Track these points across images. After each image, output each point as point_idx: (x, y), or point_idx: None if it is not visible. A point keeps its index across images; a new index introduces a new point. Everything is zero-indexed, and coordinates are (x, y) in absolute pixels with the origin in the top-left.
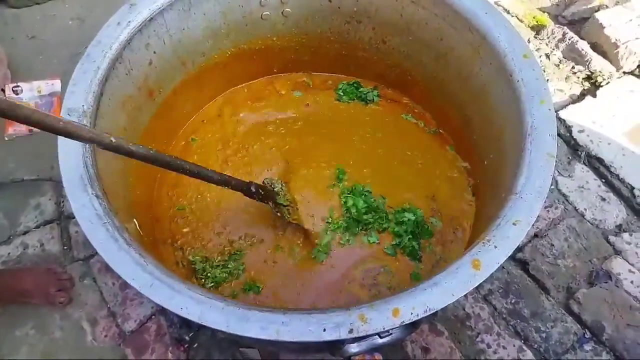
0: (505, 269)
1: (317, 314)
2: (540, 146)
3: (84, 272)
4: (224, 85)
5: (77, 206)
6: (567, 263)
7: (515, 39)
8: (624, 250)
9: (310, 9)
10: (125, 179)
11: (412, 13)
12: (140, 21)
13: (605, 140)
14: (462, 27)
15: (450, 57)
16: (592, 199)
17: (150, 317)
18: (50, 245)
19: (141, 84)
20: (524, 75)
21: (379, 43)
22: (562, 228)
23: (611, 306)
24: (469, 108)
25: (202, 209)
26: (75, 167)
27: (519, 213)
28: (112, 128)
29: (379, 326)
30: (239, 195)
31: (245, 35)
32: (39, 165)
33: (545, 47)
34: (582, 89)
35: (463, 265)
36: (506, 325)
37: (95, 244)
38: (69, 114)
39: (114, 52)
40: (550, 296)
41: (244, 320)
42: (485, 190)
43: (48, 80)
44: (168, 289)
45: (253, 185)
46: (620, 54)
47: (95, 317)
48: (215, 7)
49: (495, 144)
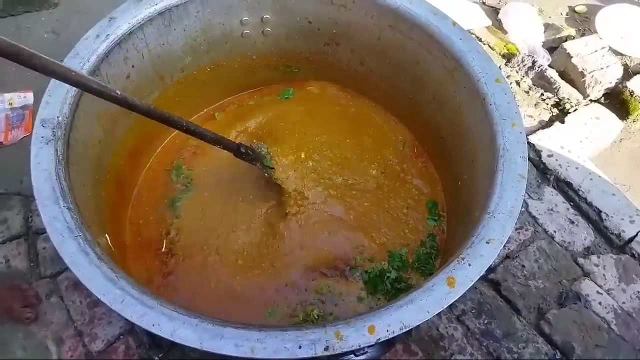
0: (478, 290)
1: (292, 331)
2: (512, 167)
3: (51, 290)
4: (203, 101)
5: (48, 218)
6: (537, 284)
7: (488, 64)
8: (592, 272)
9: (290, 29)
10: (98, 193)
11: (389, 37)
12: (120, 35)
13: (573, 165)
14: (437, 51)
15: (426, 80)
16: (561, 221)
17: (119, 337)
18: (16, 261)
19: None
20: (497, 99)
21: (357, 65)
22: (532, 250)
23: (580, 327)
24: (444, 130)
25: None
26: (47, 179)
27: (492, 232)
28: (87, 140)
29: (355, 343)
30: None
31: (225, 52)
32: (7, 179)
33: (516, 74)
34: (551, 115)
35: (438, 283)
36: (479, 345)
37: (65, 257)
38: (43, 125)
39: (91, 65)
40: (522, 317)
41: (218, 337)
42: (459, 210)
43: (20, 92)
44: (140, 305)
45: (242, 146)
46: (587, 83)
47: (61, 336)
48: (196, 23)
49: (469, 165)
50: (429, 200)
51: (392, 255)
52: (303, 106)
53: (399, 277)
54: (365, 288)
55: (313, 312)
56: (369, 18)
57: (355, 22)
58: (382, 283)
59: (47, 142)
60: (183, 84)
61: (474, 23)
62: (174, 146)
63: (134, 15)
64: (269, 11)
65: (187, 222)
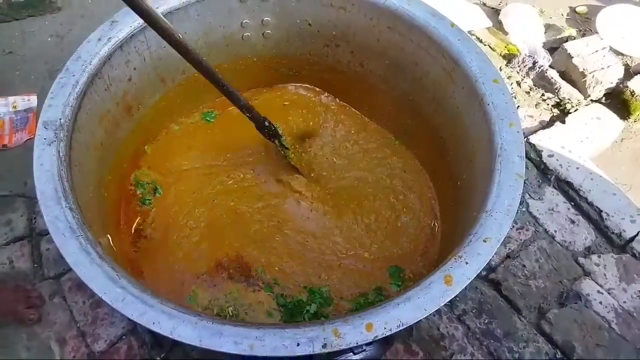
0: (479, 289)
1: (291, 329)
2: (510, 167)
3: (54, 291)
4: (204, 103)
5: (50, 219)
6: (538, 284)
7: (485, 64)
8: (592, 271)
9: (290, 32)
10: (100, 193)
11: (388, 38)
12: (121, 38)
13: (574, 165)
14: (436, 52)
15: (425, 81)
16: (561, 221)
17: (121, 338)
18: (20, 262)
19: (119, 100)
20: (494, 99)
21: (356, 66)
22: (533, 249)
23: (581, 326)
24: (444, 130)
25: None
26: (49, 180)
27: (489, 231)
28: (89, 142)
29: (352, 341)
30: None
31: (225, 55)
32: (11, 181)
33: (517, 75)
34: (552, 115)
35: (436, 281)
36: (480, 345)
37: (67, 256)
38: (45, 127)
39: (94, 67)
40: (522, 316)
41: (217, 335)
42: (457, 210)
43: (24, 95)
44: (140, 304)
45: (267, 120)
46: (588, 83)
47: (64, 336)
48: (197, 26)
49: (468, 165)
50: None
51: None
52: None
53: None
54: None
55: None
56: (368, 20)
57: (354, 24)
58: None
59: (49, 143)
60: (184, 86)
61: (474, 24)
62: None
63: (135, 18)
64: (269, 14)
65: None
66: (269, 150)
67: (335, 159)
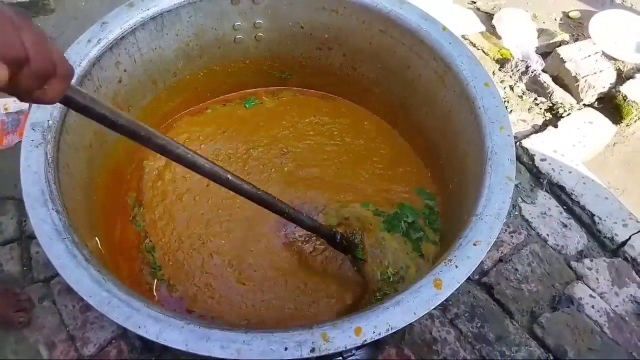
0: (471, 293)
1: (279, 333)
2: (500, 170)
3: (44, 294)
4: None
5: (36, 221)
6: (530, 287)
7: (477, 68)
8: (585, 275)
9: (282, 34)
10: (89, 196)
11: (380, 42)
12: (111, 39)
13: (567, 169)
14: (427, 56)
15: (417, 84)
16: (554, 225)
17: (111, 342)
18: (9, 265)
19: (109, 101)
20: (485, 103)
21: (349, 69)
22: (525, 253)
23: (573, 330)
24: (436, 133)
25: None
26: (36, 182)
27: (479, 234)
28: (77, 143)
29: (341, 345)
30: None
31: (217, 57)
32: (1, 183)
33: (509, 79)
34: (544, 119)
35: (425, 285)
36: (472, 349)
37: (53, 260)
38: (33, 129)
39: (83, 69)
40: (515, 320)
41: (204, 339)
42: (450, 214)
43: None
44: (126, 307)
45: (339, 234)
46: (581, 87)
47: (53, 340)
48: (188, 28)
49: (459, 168)
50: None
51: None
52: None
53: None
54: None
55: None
56: (360, 23)
57: (347, 27)
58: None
59: (37, 145)
60: (175, 88)
61: (468, 28)
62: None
63: (125, 20)
64: (261, 16)
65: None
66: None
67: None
